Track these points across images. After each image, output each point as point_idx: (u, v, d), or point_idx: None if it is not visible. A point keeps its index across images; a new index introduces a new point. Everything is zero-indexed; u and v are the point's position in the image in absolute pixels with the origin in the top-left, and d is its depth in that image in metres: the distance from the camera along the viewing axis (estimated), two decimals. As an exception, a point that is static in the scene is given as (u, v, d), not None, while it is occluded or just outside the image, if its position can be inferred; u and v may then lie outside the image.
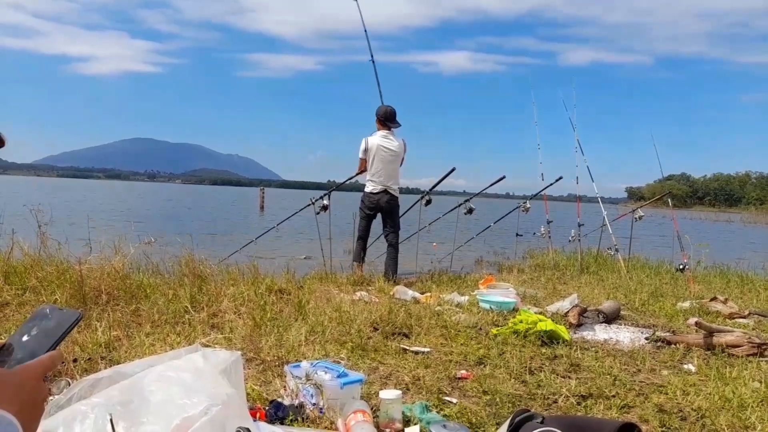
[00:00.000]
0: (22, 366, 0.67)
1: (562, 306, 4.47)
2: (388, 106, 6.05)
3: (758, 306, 5.10)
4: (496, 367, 2.96)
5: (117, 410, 1.46)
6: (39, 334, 0.73)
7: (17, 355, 0.70)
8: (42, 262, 4.18)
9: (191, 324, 3.40)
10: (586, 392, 2.62)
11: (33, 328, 0.74)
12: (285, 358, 2.84)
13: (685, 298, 5.27)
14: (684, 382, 2.78)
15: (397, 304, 4.27)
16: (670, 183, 67.62)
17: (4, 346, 0.73)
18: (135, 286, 4.00)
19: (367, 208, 6.08)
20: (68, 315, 0.76)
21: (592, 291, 5.67)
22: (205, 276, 4.45)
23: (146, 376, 1.59)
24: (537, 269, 7.39)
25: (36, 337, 0.73)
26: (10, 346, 0.72)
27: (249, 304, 3.84)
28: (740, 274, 7.16)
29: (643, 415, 2.39)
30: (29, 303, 3.63)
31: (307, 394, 2.18)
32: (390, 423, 2.09)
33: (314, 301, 4.24)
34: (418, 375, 2.75)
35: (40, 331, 0.74)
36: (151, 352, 2.76)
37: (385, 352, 3.12)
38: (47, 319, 0.75)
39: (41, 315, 0.76)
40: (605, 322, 4.20)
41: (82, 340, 2.89)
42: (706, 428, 2.28)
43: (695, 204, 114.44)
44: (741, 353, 3.39)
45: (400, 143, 6.02)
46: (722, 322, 4.34)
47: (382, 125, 6.04)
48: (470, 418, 2.26)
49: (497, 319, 4.11)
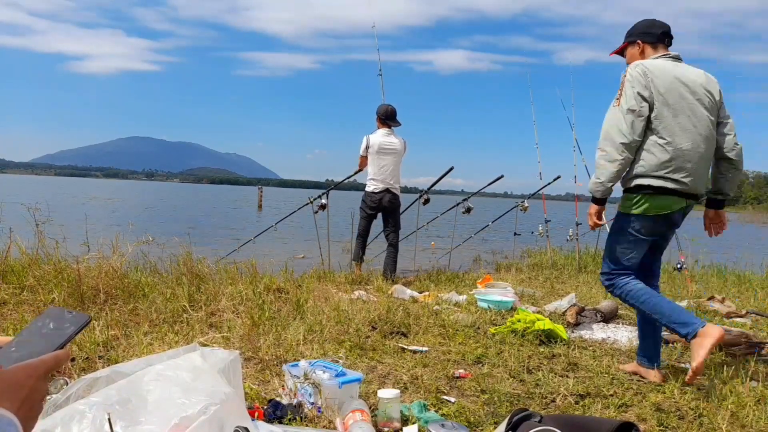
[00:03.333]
0: (23, 364, 0.67)
1: (560, 305, 4.47)
2: (389, 105, 6.07)
3: (755, 305, 5.11)
4: (494, 366, 2.96)
5: (115, 409, 1.46)
6: (46, 334, 0.74)
7: (21, 354, 0.70)
8: (39, 261, 4.17)
9: (189, 323, 3.39)
10: (584, 391, 2.62)
11: (41, 328, 0.75)
12: (283, 357, 2.84)
13: (682, 298, 5.28)
14: (682, 381, 2.79)
15: (395, 303, 4.27)
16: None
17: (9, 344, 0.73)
18: (133, 285, 3.99)
19: (369, 208, 6.08)
20: (77, 318, 0.77)
21: (590, 290, 5.67)
22: (204, 275, 4.45)
23: (144, 376, 1.59)
24: (535, 268, 7.39)
25: (43, 336, 0.74)
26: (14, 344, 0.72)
27: (247, 303, 3.84)
28: (738, 274, 7.17)
29: (640, 413, 2.39)
30: (27, 302, 3.62)
31: (305, 394, 2.18)
32: (388, 422, 2.10)
33: (312, 300, 4.24)
34: (416, 374, 2.75)
35: (47, 332, 0.74)
36: (149, 351, 2.76)
37: (383, 351, 3.12)
38: (55, 320, 0.76)
39: (50, 316, 0.77)
40: (603, 321, 4.21)
41: (80, 339, 2.88)
42: (703, 427, 2.28)
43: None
44: (738, 352, 3.39)
45: (400, 142, 6.03)
46: (720, 321, 4.35)
47: (382, 124, 6.05)
48: (468, 417, 2.26)
49: (495, 318, 4.12)
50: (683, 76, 2.71)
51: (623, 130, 2.64)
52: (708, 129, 2.72)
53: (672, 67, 2.73)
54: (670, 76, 2.69)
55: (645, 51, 2.85)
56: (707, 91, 2.74)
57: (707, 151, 2.74)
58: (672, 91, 2.67)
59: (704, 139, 2.71)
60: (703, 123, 2.70)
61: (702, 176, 2.77)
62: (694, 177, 2.70)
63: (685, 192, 2.70)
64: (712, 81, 2.78)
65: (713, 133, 2.76)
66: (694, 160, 2.67)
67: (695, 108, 2.69)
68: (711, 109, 2.74)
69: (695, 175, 2.70)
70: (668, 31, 2.83)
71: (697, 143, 2.68)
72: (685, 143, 2.66)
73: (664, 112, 2.65)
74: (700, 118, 2.70)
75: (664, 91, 2.66)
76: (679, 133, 2.66)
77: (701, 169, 2.74)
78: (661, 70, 2.69)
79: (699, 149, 2.69)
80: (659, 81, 2.66)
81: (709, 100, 2.74)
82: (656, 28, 2.84)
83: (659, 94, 2.65)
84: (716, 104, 2.77)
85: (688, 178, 2.68)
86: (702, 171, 2.75)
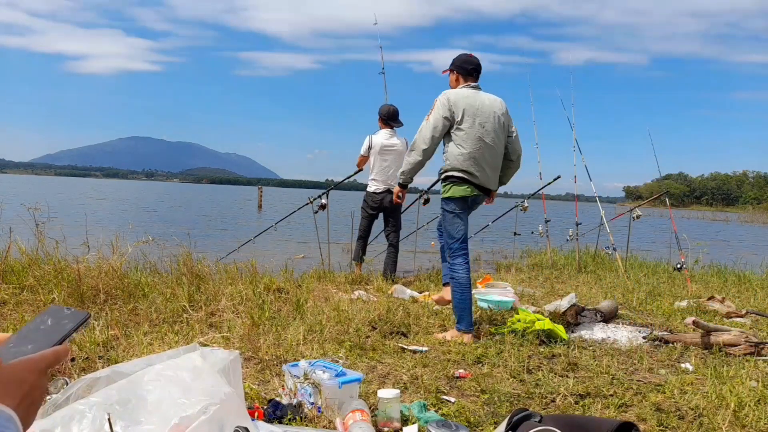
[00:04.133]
0: (23, 359, 0.67)
1: (560, 305, 4.47)
2: (391, 106, 6.08)
3: (755, 305, 5.11)
4: (494, 366, 2.96)
5: (115, 409, 1.46)
6: (45, 330, 0.74)
7: (20, 350, 0.70)
8: (39, 261, 4.17)
9: (189, 323, 3.39)
10: (584, 391, 2.62)
11: (40, 324, 0.75)
12: (283, 357, 2.84)
13: (682, 297, 5.28)
14: (681, 381, 2.79)
15: (395, 303, 4.27)
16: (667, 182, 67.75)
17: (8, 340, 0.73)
18: (133, 285, 3.99)
19: (370, 208, 6.08)
20: (76, 315, 0.77)
21: (589, 290, 5.67)
22: (203, 275, 4.45)
23: (144, 376, 1.59)
24: (535, 268, 7.40)
25: (41, 333, 0.74)
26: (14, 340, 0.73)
27: (247, 303, 3.84)
28: (737, 273, 7.17)
29: (640, 414, 2.39)
30: (27, 302, 3.63)
31: (305, 393, 2.18)
32: (388, 422, 2.10)
33: (312, 300, 4.24)
34: (416, 374, 2.75)
35: (46, 328, 0.74)
36: (149, 351, 2.76)
37: (383, 351, 3.12)
38: (54, 317, 0.76)
39: (49, 313, 0.77)
40: (603, 321, 4.21)
41: (80, 339, 2.88)
42: (703, 427, 2.28)
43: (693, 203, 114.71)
44: (738, 352, 3.40)
45: (403, 142, 6.04)
46: (719, 321, 4.35)
47: (384, 124, 6.05)
48: (468, 417, 2.27)
49: (495, 318, 4.12)
50: (479, 101, 3.60)
51: (426, 140, 3.56)
52: (494, 141, 3.60)
53: (473, 95, 3.62)
54: (469, 101, 3.57)
55: (459, 79, 3.74)
56: (496, 112, 3.62)
57: (493, 157, 3.64)
58: (468, 113, 3.54)
59: (490, 148, 3.59)
60: (490, 136, 3.58)
61: (489, 175, 3.64)
62: (481, 175, 3.58)
63: (476, 184, 3.59)
64: (501, 104, 3.69)
65: (500, 143, 3.67)
66: (482, 164, 3.57)
67: (485, 124, 3.56)
68: (499, 125, 3.62)
69: (482, 174, 3.58)
70: (477, 68, 3.73)
71: (483, 151, 3.56)
72: (476, 151, 3.54)
73: (462, 127, 3.54)
74: (488, 132, 3.57)
75: (463, 113, 3.53)
76: (471, 143, 3.53)
77: (488, 169, 3.63)
78: (463, 96, 3.59)
79: (485, 155, 3.58)
80: (460, 105, 3.54)
81: (498, 118, 3.61)
82: (469, 64, 3.72)
83: (459, 115, 3.53)
84: (503, 122, 3.66)
85: (477, 175, 3.57)
86: (489, 171, 3.63)
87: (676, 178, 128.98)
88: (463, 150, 3.53)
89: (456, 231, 3.64)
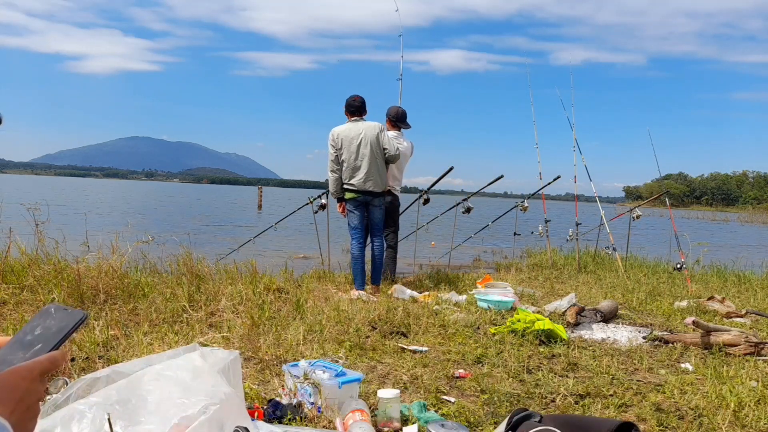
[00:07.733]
0: (16, 367, 0.67)
1: (560, 305, 4.47)
2: (399, 108, 6.07)
3: (755, 305, 5.11)
4: (494, 366, 2.96)
5: (115, 409, 1.46)
6: (42, 333, 0.73)
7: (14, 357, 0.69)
8: (39, 261, 4.17)
9: (189, 323, 3.39)
10: (583, 391, 2.62)
11: (36, 327, 0.74)
12: (283, 357, 2.84)
13: (682, 298, 5.28)
14: (681, 381, 2.79)
15: (395, 303, 4.27)
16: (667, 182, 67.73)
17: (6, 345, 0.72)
18: (133, 285, 3.99)
19: None
20: (73, 315, 0.75)
21: (589, 290, 5.67)
22: (203, 275, 4.45)
23: (144, 376, 1.59)
24: (535, 268, 7.40)
25: (38, 336, 0.72)
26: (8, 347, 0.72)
27: (247, 303, 3.84)
28: (737, 274, 7.17)
29: (640, 414, 2.39)
30: (26, 302, 3.62)
31: (305, 393, 2.18)
32: (388, 422, 2.10)
33: (312, 300, 4.24)
34: (416, 374, 2.75)
35: (43, 331, 0.73)
36: (149, 351, 2.76)
37: (383, 351, 3.12)
38: (51, 318, 0.75)
39: (45, 314, 0.76)
40: (603, 321, 4.21)
41: (80, 339, 2.88)
42: (703, 427, 2.28)
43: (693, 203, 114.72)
44: (738, 352, 3.39)
45: (409, 145, 6.03)
46: (719, 321, 4.35)
47: (392, 126, 6.04)
48: (468, 417, 2.27)
49: (495, 318, 4.12)
50: (356, 130, 5.08)
51: (329, 166, 5.18)
52: (369, 157, 5.03)
53: (352, 126, 5.11)
54: (347, 132, 5.09)
55: (348, 117, 5.19)
56: (369, 135, 5.06)
57: (370, 167, 5.05)
58: (347, 141, 5.06)
59: (367, 163, 5.03)
60: (366, 152, 5.04)
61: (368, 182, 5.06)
62: (362, 182, 5.06)
63: (359, 190, 5.09)
64: (375, 128, 5.11)
65: (376, 157, 5.07)
66: (360, 175, 5.05)
67: (360, 147, 5.04)
68: (373, 144, 5.06)
69: (361, 182, 5.06)
70: (361, 107, 5.16)
71: (359, 166, 5.04)
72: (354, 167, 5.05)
73: (343, 153, 5.08)
74: (363, 152, 5.04)
75: (342, 142, 5.07)
76: (352, 162, 5.05)
77: (369, 177, 5.05)
78: (344, 130, 5.11)
79: (363, 168, 5.04)
80: (341, 137, 5.08)
81: (370, 139, 5.05)
82: (352, 107, 5.16)
83: (341, 143, 5.07)
84: (376, 141, 5.08)
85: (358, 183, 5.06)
86: (371, 178, 5.06)
87: (676, 178, 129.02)
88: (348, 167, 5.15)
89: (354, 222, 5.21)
